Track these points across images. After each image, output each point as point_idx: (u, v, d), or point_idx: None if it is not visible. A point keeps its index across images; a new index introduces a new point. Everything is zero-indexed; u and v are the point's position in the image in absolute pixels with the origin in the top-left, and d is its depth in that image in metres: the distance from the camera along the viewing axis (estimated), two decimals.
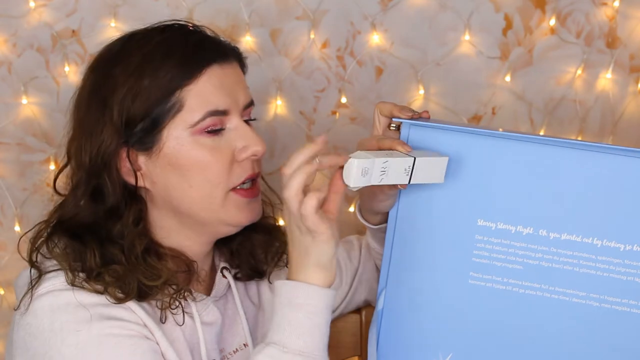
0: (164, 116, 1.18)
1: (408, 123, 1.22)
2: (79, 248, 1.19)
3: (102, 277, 1.17)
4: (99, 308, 1.15)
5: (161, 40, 1.20)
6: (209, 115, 1.19)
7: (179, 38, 1.21)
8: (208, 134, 1.19)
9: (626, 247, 1.18)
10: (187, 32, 1.23)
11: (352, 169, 1.12)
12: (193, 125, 1.18)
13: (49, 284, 1.16)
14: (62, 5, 1.73)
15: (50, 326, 1.14)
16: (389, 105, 1.24)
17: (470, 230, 1.21)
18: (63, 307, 1.14)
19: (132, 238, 1.20)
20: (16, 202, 1.80)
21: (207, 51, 1.21)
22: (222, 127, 1.21)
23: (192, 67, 1.19)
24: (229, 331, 1.30)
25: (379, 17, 1.77)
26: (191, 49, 1.20)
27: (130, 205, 1.21)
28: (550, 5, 1.79)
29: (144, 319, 1.18)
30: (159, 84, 1.17)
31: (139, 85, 1.17)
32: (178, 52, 1.19)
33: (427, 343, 1.26)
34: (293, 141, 1.83)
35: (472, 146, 1.21)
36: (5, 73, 1.75)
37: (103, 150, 1.19)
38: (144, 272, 1.19)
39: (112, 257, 1.19)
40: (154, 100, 1.17)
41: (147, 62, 1.18)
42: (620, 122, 1.85)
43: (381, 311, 1.27)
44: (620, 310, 1.19)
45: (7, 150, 1.78)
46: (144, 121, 1.18)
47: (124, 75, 1.18)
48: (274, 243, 1.36)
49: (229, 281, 1.32)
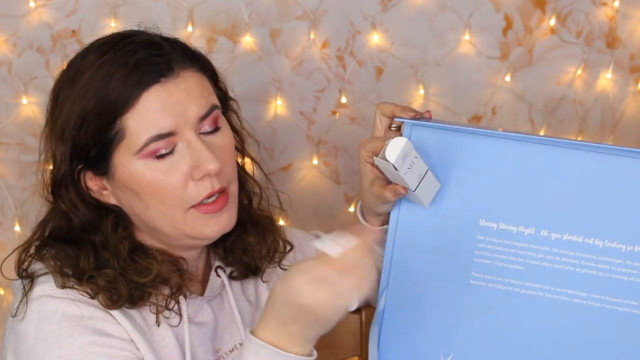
0: (110, 144, 1.16)
1: (410, 123, 1.22)
2: (73, 252, 1.19)
3: (95, 281, 1.17)
4: (84, 320, 1.15)
5: (103, 62, 1.16)
6: (152, 140, 1.15)
7: (120, 59, 1.16)
8: (157, 158, 1.16)
9: (628, 248, 1.18)
10: (130, 50, 1.17)
11: (400, 145, 1.14)
12: (137, 152, 1.16)
13: (39, 288, 1.17)
14: (62, 5, 1.73)
15: (36, 335, 1.14)
16: (390, 106, 1.24)
17: (472, 231, 1.21)
18: (49, 317, 1.14)
19: (115, 242, 1.20)
20: (16, 202, 1.79)
21: (146, 72, 1.15)
22: (173, 147, 1.17)
23: (128, 94, 1.14)
24: (224, 331, 1.30)
25: (379, 17, 1.77)
26: (128, 71, 1.15)
27: (107, 217, 1.21)
28: (550, 5, 1.79)
29: (129, 331, 1.17)
30: (100, 112, 1.15)
31: (83, 113, 1.15)
32: (116, 75, 1.15)
33: (428, 343, 1.26)
34: (293, 141, 1.83)
35: (474, 146, 1.21)
36: (5, 73, 1.75)
37: (61, 175, 1.19)
38: (135, 271, 1.18)
39: (105, 262, 1.18)
40: (98, 129, 1.15)
41: (90, 87, 1.16)
42: (620, 122, 1.85)
43: (382, 311, 1.27)
44: (622, 311, 1.19)
45: (7, 150, 1.78)
46: (95, 147, 1.17)
47: (70, 100, 1.16)
48: (267, 241, 1.34)
49: (223, 280, 1.31)
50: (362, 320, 1.52)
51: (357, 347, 1.54)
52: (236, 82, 1.34)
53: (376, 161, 1.17)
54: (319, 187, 1.85)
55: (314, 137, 1.83)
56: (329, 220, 1.86)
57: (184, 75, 1.18)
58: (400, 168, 1.15)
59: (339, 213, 1.86)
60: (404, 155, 1.14)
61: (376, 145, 1.21)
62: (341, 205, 1.86)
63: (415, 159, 1.15)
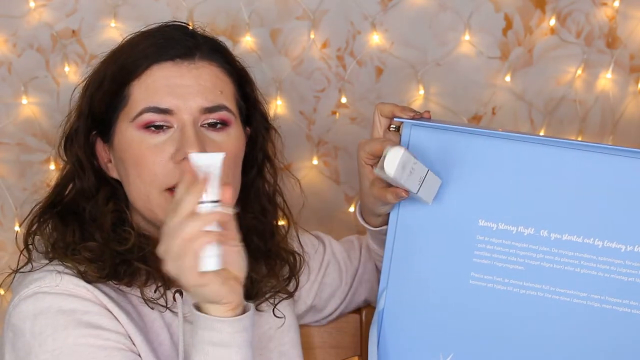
0: (116, 108, 1.21)
1: (409, 123, 1.22)
2: (61, 228, 1.22)
3: (79, 253, 1.19)
4: (79, 314, 1.16)
5: (136, 35, 1.23)
6: (147, 111, 1.18)
7: (152, 34, 1.22)
8: (149, 131, 1.18)
9: (627, 248, 1.18)
10: (165, 29, 1.23)
11: (397, 157, 1.12)
12: (132, 120, 1.19)
13: (34, 285, 1.17)
14: (62, 5, 1.72)
15: (31, 329, 1.15)
16: (389, 106, 1.24)
17: (472, 231, 1.21)
18: (45, 311, 1.15)
19: (102, 215, 1.22)
20: (16, 202, 1.79)
21: (167, 49, 1.19)
22: (167, 125, 1.18)
23: (142, 62, 1.19)
24: None
25: (379, 17, 1.77)
26: (150, 44, 1.21)
27: (104, 188, 1.24)
28: (550, 5, 1.79)
29: (125, 324, 1.18)
30: (114, 76, 1.21)
31: (103, 75, 1.22)
32: (140, 46, 1.21)
33: (428, 343, 1.26)
34: (293, 141, 1.83)
35: (474, 146, 1.21)
36: (5, 73, 1.74)
37: (75, 130, 1.24)
38: (115, 241, 1.20)
39: (89, 235, 1.21)
40: (109, 93, 1.21)
41: (113, 58, 1.23)
42: (620, 122, 1.85)
43: (382, 311, 1.27)
44: (621, 311, 1.19)
45: (7, 150, 1.78)
46: (106, 112, 1.22)
47: (99, 64, 1.24)
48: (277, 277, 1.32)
49: None
50: (362, 320, 1.52)
51: (357, 347, 1.54)
52: None
53: (376, 172, 1.16)
54: (319, 187, 1.85)
55: (314, 137, 1.83)
56: (329, 220, 1.86)
57: (202, 66, 1.21)
58: (400, 178, 1.14)
59: (339, 213, 1.86)
60: (403, 165, 1.13)
61: (375, 147, 1.21)
62: (341, 205, 1.86)
63: (415, 164, 1.15)
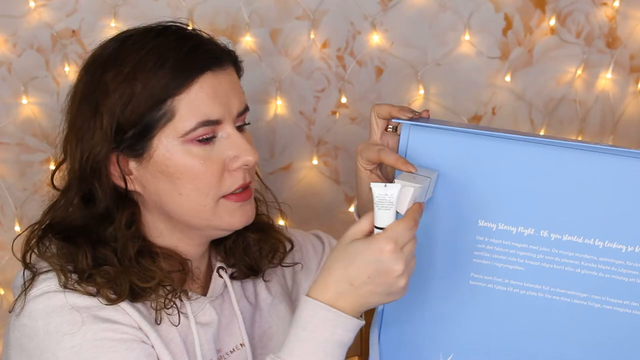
0: (155, 124, 1.17)
1: (408, 124, 1.22)
2: (71, 250, 1.19)
3: (94, 279, 1.17)
4: (94, 310, 1.15)
5: (154, 46, 1.18)
6: (201, 125, 1.17)
7: (173, 44, 1.19)
8: (199, 143, 1.18)
9: (628, 249, 1.18)
10: (181, 37, 1.21)
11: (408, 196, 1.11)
12: (184, 135, 1.17)
13: (44, 285, 1.17)
14: (62, 5, 1.73)
15: (45, 328, 1.14)
16: (386, 107, 1.23)
17: (471, 231, 1.21)
18: (58, 310, 1.15)
19: (125, 241, 1.20)
20: (16, 202, 1.80)
21: (201, 58, 1.19)
22: (214, 135, 1.19)
23: (184, 76, 1.17)
24: (225, 331, 1.30)
25: (379, 17, 1.77)
26: (184, 56, 1.18)
27: (122, 209, 1.21)
28: (550, 5, 1.79)
29: (138, 321, 1.18)
30: (150, 92, 1.16)
31: (130, 92, 1.16)
32: (171, 59, 1.17)
33: (428, 343, 1.26)
34: (293, 141, 1.83)
35: (473, 147, 1.21)
36: (5, 73, 1.75)
37: (93, 157, 1.18)
38: (137, 274, 1.19)
39: (104, 259, 1.19)
40: (145, 109, 1.16)
41: (140, 69, 1.17)
42: (620, 122, 1.85)
43: (382, 311, 1.27)
44: (622, 311, 1.19)
45: (7, 150, 1.78)
46: (134, 128, 1.17)
47: (116, 82, 1.17)
48: (267, 240, 1.36)
49: (225, 281, 1.32)
50: None
51: (357, 347, 1.54)
52: None
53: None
54: (319, 187, 1.85)
55: (314, 137, 1.83)
56: (329, 220, 1.86)
57: (230, 70, 1.22)
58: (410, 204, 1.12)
59: (338, 213, 1.86)
60: (414, 200, 1.12)
61: (372, 154, 1.21)
62: (341, 205, 1.86)
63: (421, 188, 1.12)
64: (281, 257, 1.38)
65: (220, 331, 1.30)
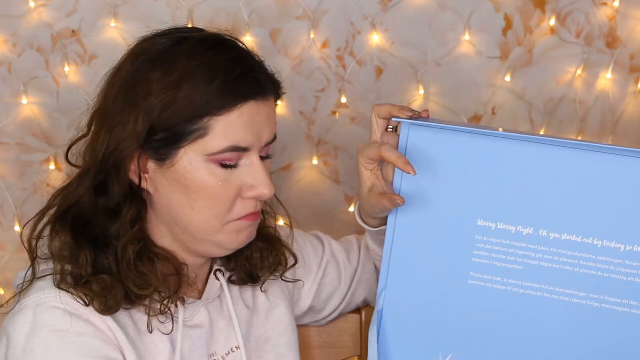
0: (187, 136, 1.16)
1: (408, 123, 1.22)
2: (73, 251, 1.18)
3: (90, 286, 1.17)
4: (72, 337, 1.15)
5: (207, 60, 1.17)
6: (231, 150, 1.17)
7: (225, 64, 1.17)
8: (222, 166, 1.18)
9: (627, 248, 1.18)
10: (235, 58, 1.19)
11: None
12: (211, 155, 1.17)
13: (35, 296, 1.17)
14: (62, 5, 1.73)
15: (24, 345, 1.14)
16: (386, 107, 1.23)
17: (470, 231, 1.21)
18: (39, 328, 1.15)
19: (126, 242, 1.19)
20: (16, 202, 1.80)
21: (249, 86, 1.18)
22: (238, 162, 1.19)
23: (229, 99, 1.16)
24: (221, 334, 1.30)
25: (379, 17, 1.77)
26: (233, 79, 1.16)
27: (130, 205, 1.20)
28: (550, 5, 1.79)
29: (121, 341, 1.18)
30: (191, 105, 1.15)
31: (173, 99, 1.15)
32: (220, 78, 1.16)
33: (427, 343, 1.26)
34: (293, 141, 1.83)
35: (472, 146, 1.21)
36: (5, 73, 1.75)
37: (119, 151, 1.17)
38: (135, 280, 1.18)
39: (103, 265, 1.18)
40: (182, 119, 1.15)
41: (187, 79, 1.15)
42: (620, 122, 1.85)
43: (381, 311, 1.27)
44: (621, 311, 1.19)
45: (7, 150, 1.78)
46: (166, 133, 1.16)
47: (161, 84, 1.15)
48: (272, 252, 1.35)
49: (221, 284, 1.31)
50: (362, 320, 1.52)
51: (357, 347, 1.54)
52: None
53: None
54: (319, 187, 1.85)
55: (314, 137, 1.83)
56: (329, 220, 1.86)
57: (270, 100, 1.21)
58: None
59: (339, 213, 1.86)
60: None
61: (372, 151, 1.22)
62: (341, 205, 1.86)
63: None
64: (283, 270, 1.37)
65: (216, 334, 1.29)
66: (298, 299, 1.45)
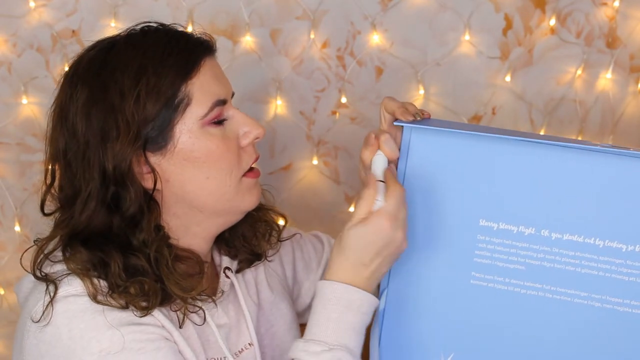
0: (175, 112, 1.19)
1: (409, 127, 1.22)
2: (101, 260, 1.17)
3: (127, 290, 1.16)
4: (117, 313, 1.14)
5: (152, 43, 1.21)
6: (215, 105, 1.21)
7: (168, 38, 1.22)
8: (215, 125, 1.22)
9: (628, 248, 1.18)
10: (170, 31, 1.24)
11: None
12: (202, 117, 1.20)
13: (63, 290, 1.15)
14: (62, 5, 1.73)
15: (69, 334, 1.13)
16: (392, 105, 1.24)
17: (472, 231, 1.21)
18: (80, 314, 1.13)
19: (159, 246, 1.19)
20: (16, 202, 1.80)
21: (198, 45, 1.24)
22: (225, 117, 1.23)
23: (192, 61, 1.21)
24: (234, 331, 1.30)
25: (379, 17, 1.77)
26: (185, 45, 1.22)
27: (149, 212, 1.20)
28: (550, 5, 1.79)
29: (162, 320, 1.18)
30: (166, 82, 1.18)
31: (146, 85, 1.17)
32: (175, 48, 1.21)
33: (429, 343, 1.26)
34: (293, 141, 1.83)
35: (474, 147, 1.21)
36: (5, 73, 1.74)
37: (121, 159, 1.17)
38: (178, 283, 1.18)
39: (136, 268, 1.17)
40: (164, 99, 1.18)
41: (149, 62, 1.18)
42: (620, 122, 1.85)
43: (383, 311, 1.27)
44: (622, 311, 1.19)
45: (7, 150, 1.78)
46: (155, 121, 1.18)
47: (129, 78, 1.17)
48: (261, 219, 1.38)
49: (232, 281, 1.32)
50: None
51: None
52: (236, 82, 1.34)
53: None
54: (319, 187, 1.85)
55: (314, 137, 1.83)
56: (329, 220, 1.86)
57: (215, 56, 1.27)
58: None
59: (339, 213, 1.86)
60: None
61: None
62: (341, 205, 1.86)
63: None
64: (278, 234, 1.40)
65: (230, 332, 1.30)
66: (298, 295, 1.45)
